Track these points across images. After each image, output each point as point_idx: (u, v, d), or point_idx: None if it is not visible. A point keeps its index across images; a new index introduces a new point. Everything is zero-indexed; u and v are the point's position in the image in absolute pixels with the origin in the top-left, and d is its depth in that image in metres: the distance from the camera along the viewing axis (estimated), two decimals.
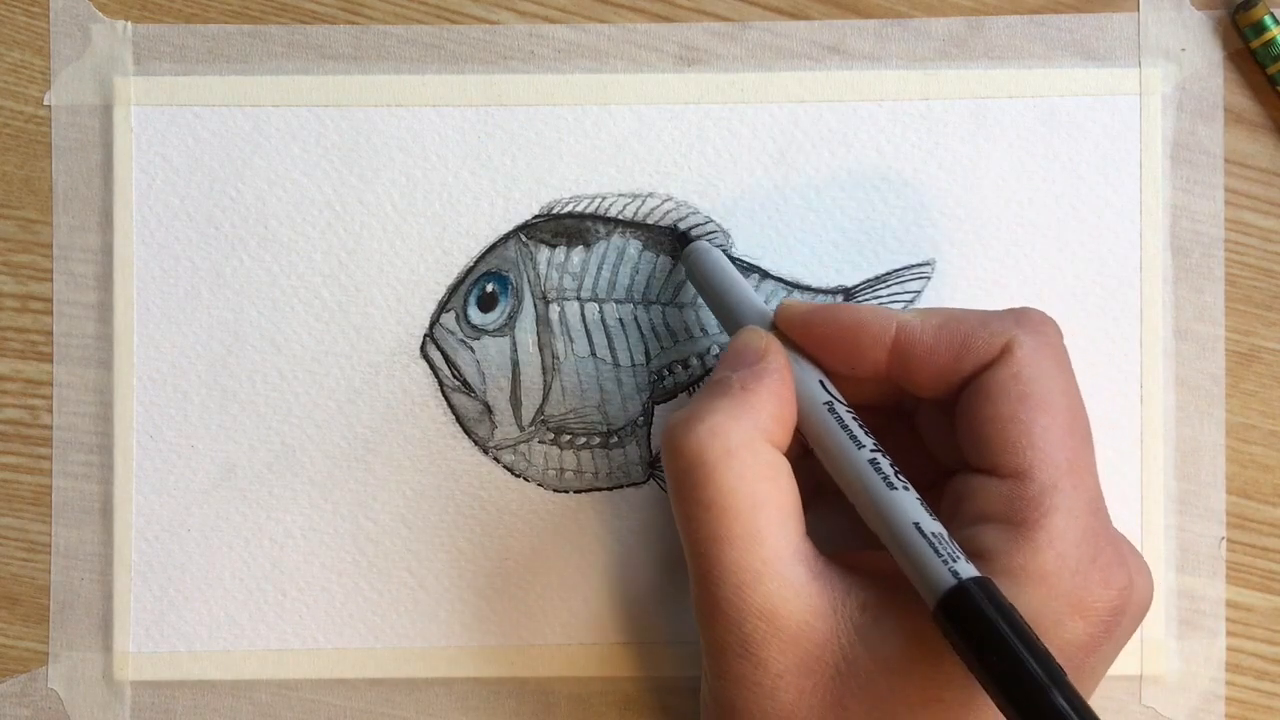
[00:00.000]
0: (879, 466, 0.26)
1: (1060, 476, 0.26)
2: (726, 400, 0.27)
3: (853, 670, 0.26)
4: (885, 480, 0.26)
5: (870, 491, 0.26)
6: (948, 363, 0.27)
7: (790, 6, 0.34)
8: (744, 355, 0.28)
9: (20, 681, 0.34)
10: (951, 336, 0.27)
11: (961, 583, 0.24)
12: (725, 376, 0.28)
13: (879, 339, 0.28)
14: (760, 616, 0.26)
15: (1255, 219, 0.34)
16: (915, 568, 0.25)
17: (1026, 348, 0.27)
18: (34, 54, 0.34)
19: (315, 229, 0.34)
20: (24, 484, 0.34)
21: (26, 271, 0.34)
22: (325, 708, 0.33)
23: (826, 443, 0.27)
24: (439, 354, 0.34)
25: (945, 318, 0.28)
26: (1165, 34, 0.34)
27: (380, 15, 0.34)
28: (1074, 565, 0.25)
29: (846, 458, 0.27)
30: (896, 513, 0.26)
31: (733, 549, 0.26)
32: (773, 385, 0.27)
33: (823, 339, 0.28)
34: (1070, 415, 0.27)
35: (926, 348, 0.27)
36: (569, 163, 0.34)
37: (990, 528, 0.26)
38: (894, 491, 0.26)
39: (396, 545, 0.33)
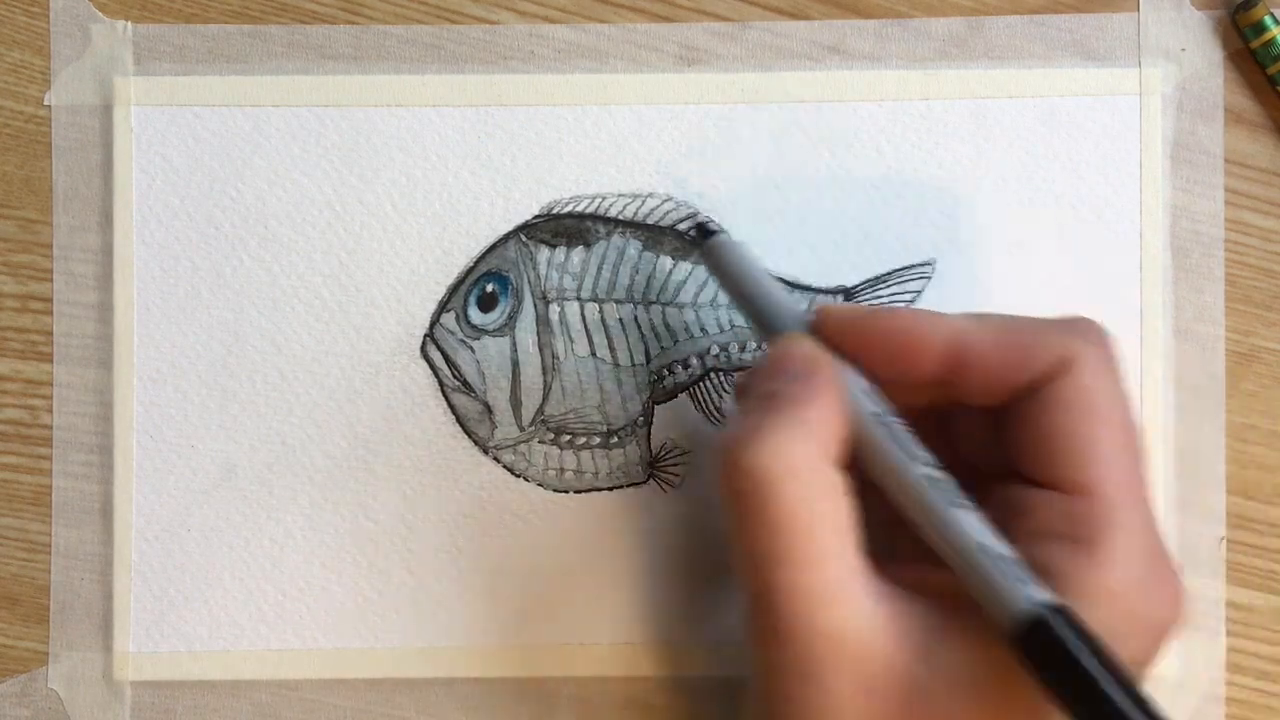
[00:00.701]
0: (939, 484, 0.26)
1: (1123, 493, 0.26)
2: (783, 417, 0.26)
3: (918, 693, 0.25)
4: (948, 499, 0.25)
5: (931, 510, 0.25)
6: (1006, 372, 0.27)
7: (790, 6, 0.34)
8: (792, 365, 0.27)
9: (20, 681, 0.34)
10: (1012, 346, 0.27)
11: (1043, 612, 0.23)
12: (777, 390, 0.27)
13: (932, 346, 0.27)
14: (825, 639, 0.25)
15: (1255, 219, 0.34)
16: (986, 592, 0.24)
17: (1090, 361, 0.26)
18: (34, 54, 0.34)
19: (315, 229, 0.34)
20: (24, 484, 0.34)
21: (26, 271, 0.34)
22: (325, 708, 0.33)
23: (879, 457, 0.26)
24: (439, 354, 0.34)
25: (1003, 326, 0.27)
26: (1165, 34, 0.34)
27: (380, 15, 0.34)
28: (1138, 583, 0.25)
29: (903, 474, 0.26)
30: (962, 534, 0.25)
31: (798, 571, 0.25)
32: (829, 399, 0.26)
33: (871, 346, 0.27)
34: (1129, 431, 0.26)
35: (984, 356, 0.27)
36: (569, 163, 0.34)
37: (1054, 545, 0.26)
38: (957, 510, 0.25)
39: (396, 545, 0.33)
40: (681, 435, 0.34)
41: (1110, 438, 0.26)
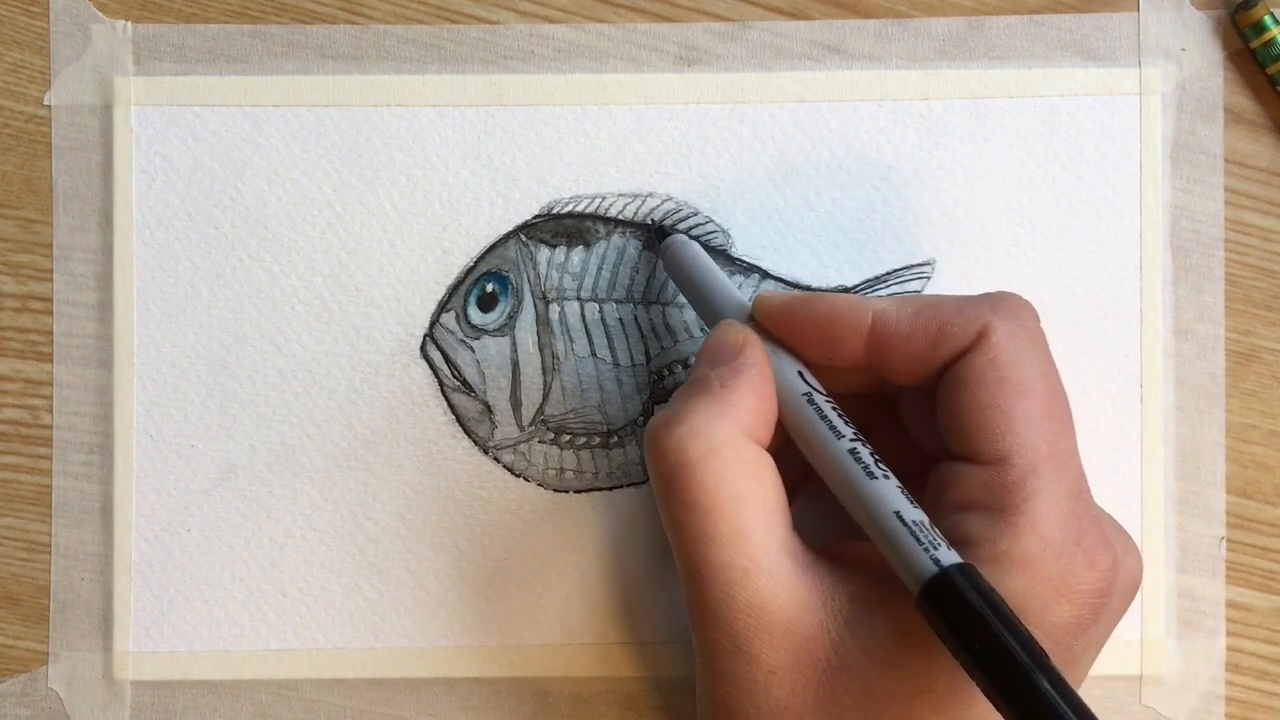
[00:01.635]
0: (859, 456, 0.26)
1: (1040, 460, 0.26)
2: (706, 399, 0.27)
3: (844, 663, 0.26)
4: (865, 470, 0.26)
5: (851, 481, 0.26)
6: (924, 350, 0.27)
7: (790, 6, 0.34)
8: (721, 351, 0.28)
9: (20, 681, 0.34)
10: (927, 324, 0.27)
11: (943, 570, 0.24)
12: (704, 374, 0.28)
13: (855, 328, 0.27)
14: (750, 613, 0.26)
15: (1255, 219, 0.34)
16: (897, 557, 0.25)
17: (1001, 333, 0.27)
18: (34, 54, 0.34)
19: (315, 229, 0.34)
20: (24, 484, 0.34)
21: (26, 271, 0.34)
22: (325, 708, 0.33)
23: (807, 434, 0.27)
24: (439, 354, 0.34)
25: (921, 305, 0.28)
26: (1165, 34, 0.34)
27: (380, 15, 0.34)
28: (1057, 548, 0.25)
29: (827, 448, 0.27)
30: (877, 502, 0.26)
31: (719, 548, 0.26)
32: (752, 381, 0.27)
33: (799, 330, 0.28)
34: (1049, 398, 0.27)
35: (902, 336, 0.27)
36: (569, 163, 0.34)
37: (973, 515, 0.26)
38: (874, 481, 0.26)
39: (396, 545, 0.33)
40: None
41: (1026, 407, 0.26)
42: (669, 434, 0.26)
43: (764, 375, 0.28)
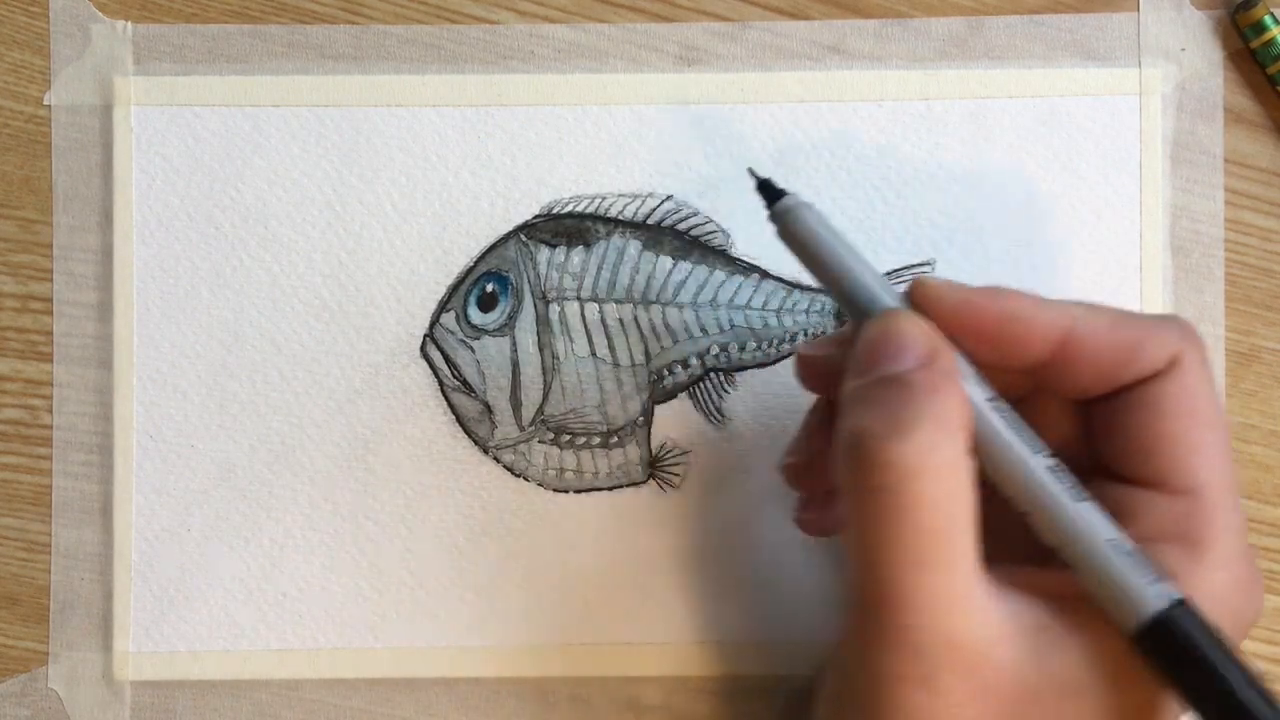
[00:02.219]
0: (1060, 476, 0.25)
1: (1226, 494, 0.26)
2: (923, 409, 0.24)
3: (1030, 694, 0.24)
4: (1071, 491, 0.25)
5: (1055, 503, 0.24)
6: (1113, 367, 0.26)
7: (790, 6, 0.34)
8: (911, 348, 0.25)
9: (20, 681, 0.34)
10: (1124, 340, 0.26)
11: (1171, 608, 0.23)
12: (904, 377, 0.25)
13: (1045, 334, 0.26)
14: (948, 645, 0.24)
15: (1255, 219, 0.34)
16: (1112, 589, 0.24)
17: (1193, 361, 0.26)
18: (34, 54, 0.34)
19: (315, 229, 0.34)
20: (24, 484, 0.34)
21: (26, 271, 0.34)
22: (325, 708, 0.33)
23: (993, 445, 0.25)
24: (439, 354, 0.34)
25: (1115, 319, 0.26)
26: (1165, 34, 0.34)
27: (380, 15, 0.34)
28: (1241, 584, 0.25)
29: (1024, 464, 0.25)
30: (1087, 528, 0.24)
31: (933, 574, 0.24)
32: (957, 388, 0.25)
33: (979, 326, 0.26)
34: (1224, 431, 0.26)
35: (1097, 349, 0.26)
36: (569, 163, 0.34)
37: (1165, 546, 0.25)
38: (1082, 504, 0.24)
39: (396, 545, 0.33)
40: (681, 435, 0.34)
41: (1212, 439, 0.26)
42: (891, 445, 0.24)
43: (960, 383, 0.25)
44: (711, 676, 0.33)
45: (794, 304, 0.34)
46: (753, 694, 0.34)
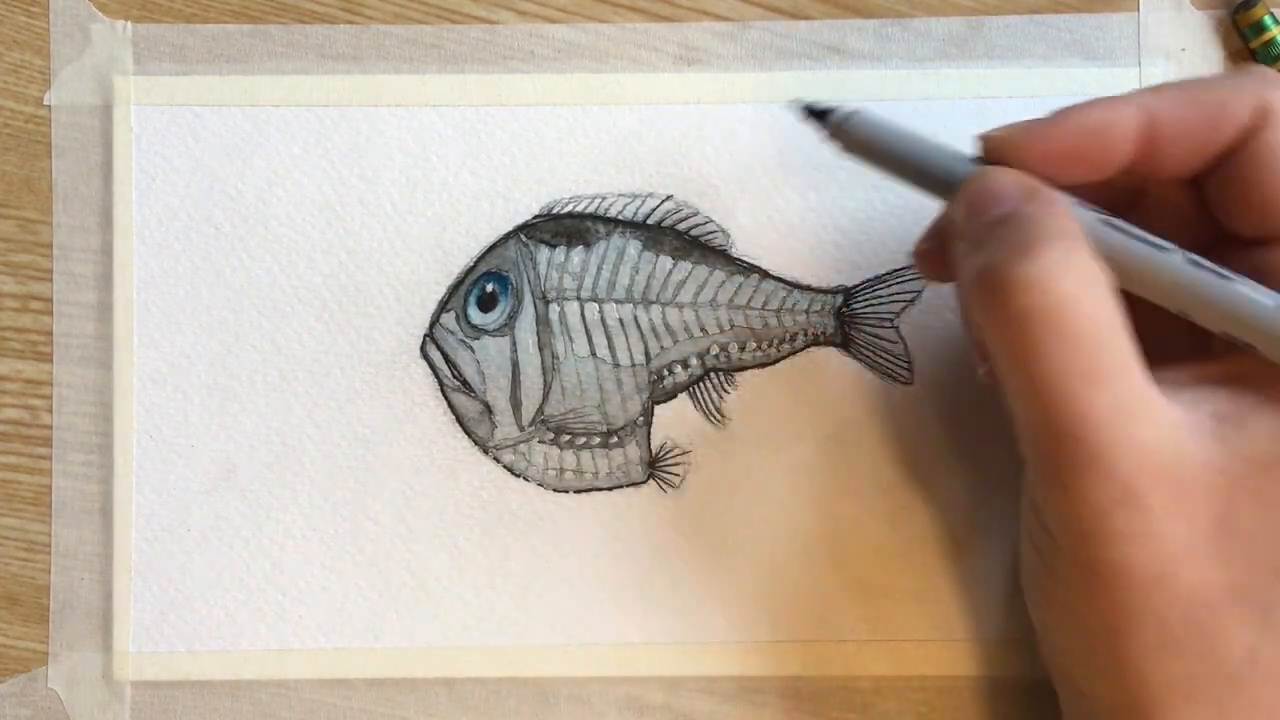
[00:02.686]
0: (1201, 264, 0.24)
1: None
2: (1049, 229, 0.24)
3: (1229, 479, 0.24)
4: (1217, 274, 0.24)
5: (1210, 289, 0.24)
6: (1203, 136, 0.25)
7: (790, 6, 0.34)
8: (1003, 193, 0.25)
9: (20, 681, 0.34)
10: (1205, 107, 0.25)
11: None
12: (1016, 213, 0.25)
13: (1126, 129, 0.25)
14: (1143, 454, 0.23)
15: None
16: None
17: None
18: (34, 54, 0.34)
19: (315, 229, 0.34)
20: (24, 484, 0.34)
21: (26, 271, 0.34)
22: (325, 708, 0.33)
23: (1127, 263, 0.25)
24: (439, 354, 0.34)
25: (1191, 90, 0.26)
26: (1165, 34, 0.34)
27: (380, 15, 0.34)
28: None
29: (1160, 266, 0.25)
30: (1248, 301, 0.24)
31: (1108, 388, 0.23)
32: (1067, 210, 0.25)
33: (1058, 153, 0.26)
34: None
35: (1183, 129, 0.25)
36: (569, 163, 0.34)
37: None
38: (1233, 282, 0.24)
39: (396, 545, 0.33)
40: (681, 435, 0.34)
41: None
42: (1031, 266, 0.23)
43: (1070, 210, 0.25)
44: (711, 676, 0.33)
45: (794, 304, 0.34)
46: (753, 694, 0.34)
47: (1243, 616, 0.24)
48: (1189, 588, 0.24)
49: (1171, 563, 0.24)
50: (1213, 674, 0.25)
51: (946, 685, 0.33)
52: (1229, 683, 0.25)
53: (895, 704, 0.33)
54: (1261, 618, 0.25)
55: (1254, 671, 0.25)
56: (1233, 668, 0.25)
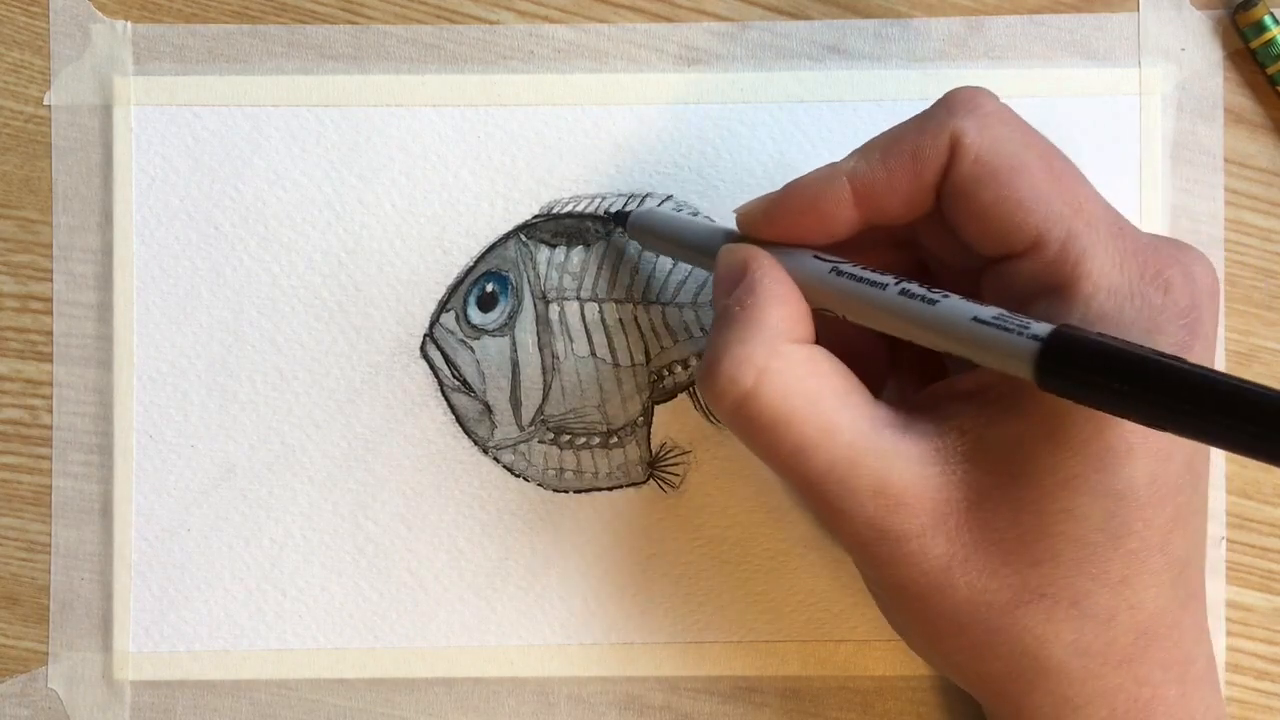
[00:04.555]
0: (910, 292, 0.26)
1: (1069, 222, 0.26)
2: (735, 327, 0.26)
3: (981, 492, 0.26)
4: (924, 299, 0.25)
5: (917, 317, 0.25)
6: (910, 185, 0.27)
7: (790, 6, 0.34)
8: (730, 276, 0.28)
9: (20, 681, 0.34)
10: (900, 159, 0.27)
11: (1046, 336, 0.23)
12: (724, 305, 0.27)
13: (839, 199, 0.27)
14: (875, 496, 0.26)
15: (1255, 219, 0.34)
16: (997, 351, 0.24)
17: (971, 131, 0.26)
18: (34, 54, 0.34)
19: (315, 229, 0.34)
20: (24, 484, 0.34)
21: (26, 271, 0.34)
22: (325, 708, 0.33)
23: (852, 304, 0.27)
24: (439, 354, 0.34)
25: (885, 144, 0.27)
26: (1165, 34, 0.34)
27: (380, 15, 0.34)
28: (1128, 290, 0.25)
29: (878, 302, 0.26)
30: (951, 317, 0.25)
31: (816, 452, 0.26)
32: (770, 289, 0.27)
33: (790, 226, 0.28)
34: (1045, 162, 0.26)
35: (884, 183, 0.27)
36: (569, 163, 0.34)
37: (1038, 303, 0.26)
38: (939, 304, 0.25)
39: (396, 545, 0.33)
40: (681, 435, 0.34)
41: (1030, 183, 0.26)
42: (716, 375, 0.26)
43: (779, 278, 0.27)
44: (711, 676, 0.33)
45: None
46: (753, 694, 0.34)
47: (1048, 613, 0.26)
48: (967, 594, 0.26)
49: (942, 575, 0.26)
50: (1037, 667, 0.26)
51: (946, 685, 0.33)
52: (1060, 673, 0.26)
53: (895, 704, 0.34)
54: (1074, 610, 0.26)
55: (1087, 660, 0.26)
56: (1058, 659, 0.26)
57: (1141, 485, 0.25)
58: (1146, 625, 0.26)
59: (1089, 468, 0.25)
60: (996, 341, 0.24)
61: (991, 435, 0.26)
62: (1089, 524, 0.25)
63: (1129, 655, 0.26)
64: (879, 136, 0.28)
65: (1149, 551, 0.25)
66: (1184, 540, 0.26)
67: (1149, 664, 0.26)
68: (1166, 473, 0.25)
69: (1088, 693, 0.26)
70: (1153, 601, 0.26)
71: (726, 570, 0.33)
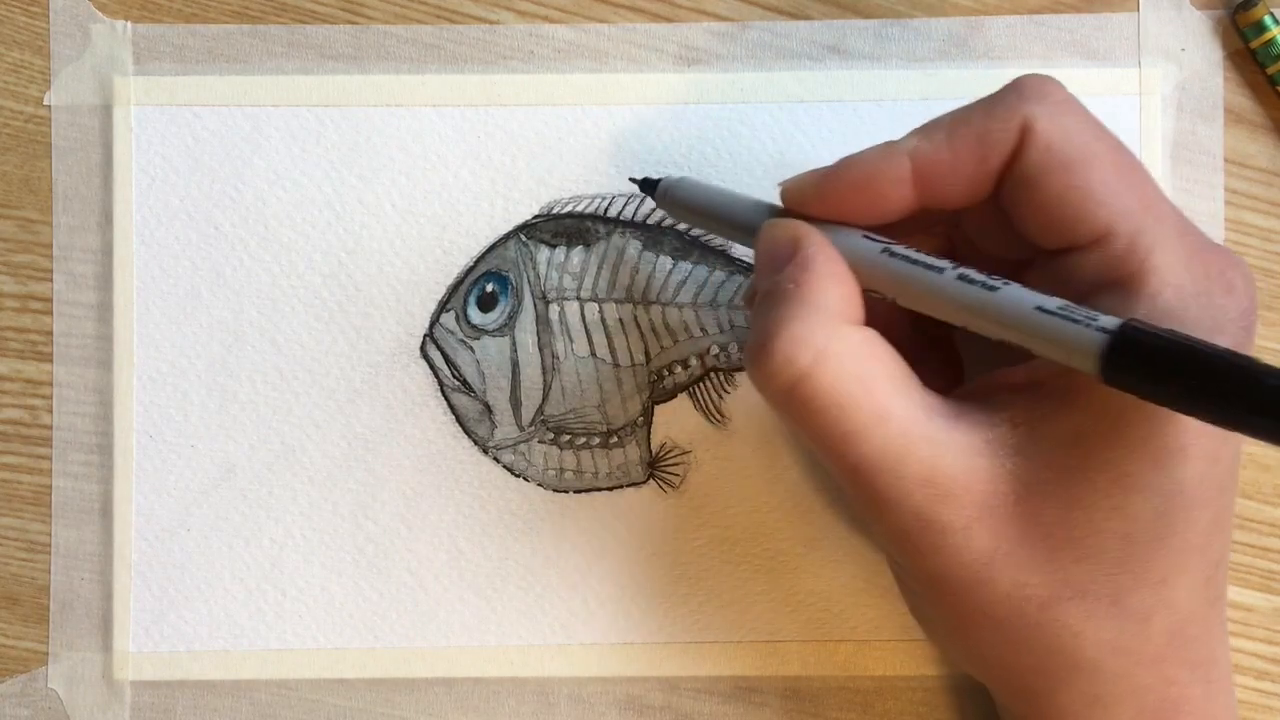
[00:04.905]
0: (970, 278, 0.25)
1: (1139, 216, 0.25)
2: (790, 306, 0.25)
3: (1030, 487, 0.25)
4: (985, 285, 0.25)
5: (977, 304, 0.25)
6: (974, 168, 0.26)
7: (790, 6, 0.34)
8: (777, 252, 0.27)
9: (20, 681, 0.34)
10: (966, 141, 0.26)
11: (1116, 330, 0.23)
12: (773, 282, 0.26)
13: (898, 178, 0.26)
14: (923, 485, 0.25)
15: (1255, 219, 0.34)
16: (1061, 343, 0.24)
17: (1043, 118, 0.26)
18: (34, 54, 0.34)
19: (315, 229, 0.34)
20: (24, 484, 0.34)
21: (26, 271, 0.34)
22: (325, 708, 0.33)
23: (906, 286, 0.26)
24: (439, 354, 0.34)
25: (950, 125, 0.26)
26: (1165, 34, 0.34)
27: (380, 15, 0.34)
28: (1194, 290, 0.25)
29: (936, 287, 0.25)
30: (1013, 306, 0.24)
31: (868, 437, 0.25)
32: (824, 267, 0.26)
33: (841, 203, 0.27)
34: (1115, 155, 0.26)
35: (948, 165, 0.26)
36: (569, 163, 0.34)
37: (1103, 297, 0.25)
38: (1000, 291, 0.25)
39: (396, 545, 0.33)
40: (681, 435, 0.34)
41: (1101, 175, 0.26)
42: (770, 355, 0.25)
43: (832, 256, 0.26)
44: (711, 676, 0.33)
45: None
46: (753, 694, 0.34)
47: (1088, 610, 0.25)
48: (1008, 589, 0.25)
49: (984, 569, 0.25)
50: (1071, 664, 0.26)
51: (946, 685, 0.33)
52: (1093, 671, 0.26)
53: (895, 704, 0.34)
54: (1114, 609, 0.25)
55: (1120, 659, 0.26)
56: (1092, 657, 0.26)
57: (1191, 486, 0.25)
58: (1179, 625, 0.26)
59: (1145, 465, 0.25)
60: (1061, 333, 0.24)
61: (1044, 429, 0.25)
62: (1139, 522, 0.25)
63: (1161, 655, 0.26)
64: (942, 117, 0.27)
65: (1190, 552, 0.25)
66: (1221, 542, 0.26)
67: (1178, 664, 0.26)
68: (1214, 474, 0.25)
69: (1118, 691, 0.26)
70: (1186, 602, 0.26)
71: (726, 570, 0.33)
